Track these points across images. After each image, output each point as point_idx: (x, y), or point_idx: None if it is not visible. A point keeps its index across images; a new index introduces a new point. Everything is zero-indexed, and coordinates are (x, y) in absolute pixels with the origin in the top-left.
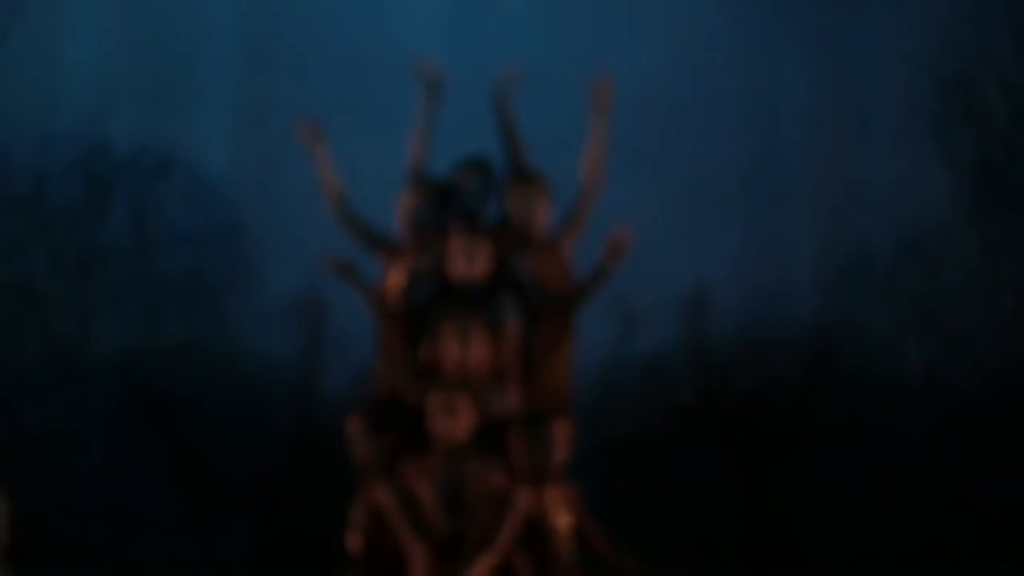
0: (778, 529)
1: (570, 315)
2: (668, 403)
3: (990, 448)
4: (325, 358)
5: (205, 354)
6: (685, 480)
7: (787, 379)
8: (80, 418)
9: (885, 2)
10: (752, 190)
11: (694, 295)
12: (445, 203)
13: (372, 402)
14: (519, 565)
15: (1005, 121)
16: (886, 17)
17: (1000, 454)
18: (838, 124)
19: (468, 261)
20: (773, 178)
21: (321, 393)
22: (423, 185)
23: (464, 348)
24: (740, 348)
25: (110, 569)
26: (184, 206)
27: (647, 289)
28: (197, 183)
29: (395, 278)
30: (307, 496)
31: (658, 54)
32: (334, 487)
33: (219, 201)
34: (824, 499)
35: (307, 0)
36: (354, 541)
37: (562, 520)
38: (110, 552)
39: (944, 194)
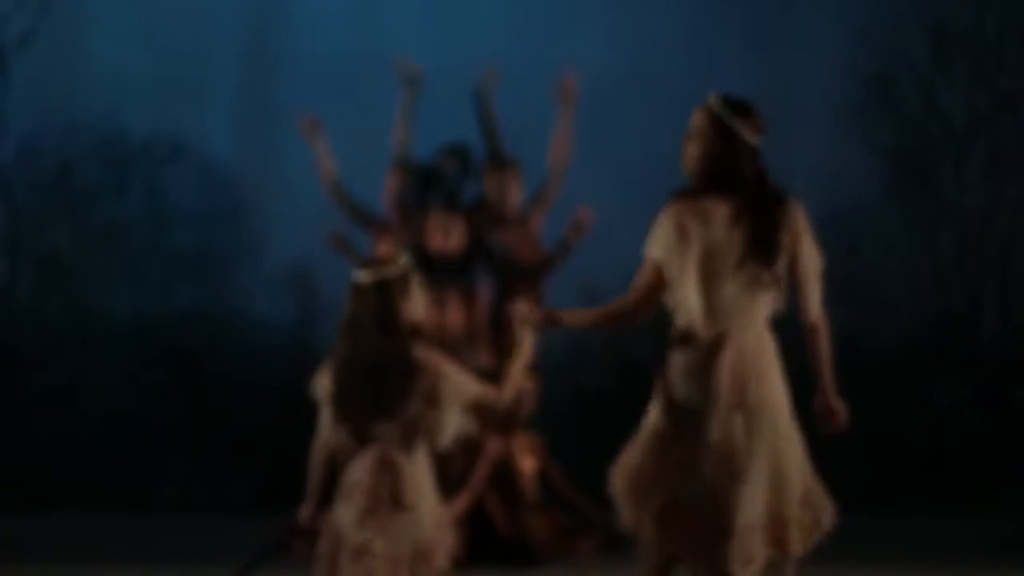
0: None
1: (538, 283)
2: (627, 363)
3: (906, 404)
4: (319, 322)
5: (213, 318)
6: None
7: None
8: (101, 375)
9: (814, 7)
10: None
11: None
12: (427, 185)
13: None
14: (490, 504)
15: (920, 112)
16: (814, 20)
17: (915, 410)
18: (772, 114)
19: (444, 236)
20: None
21: (315, 352)
22: (407, 169)
23: (441, 313)
24: None
25: (129, 512)
26: (193, 187)
27: (608, 263)
28: (204, 167)
29: (382, 251)
30: (305, 444)
31: (617, 54)
32: None
33: (224, 183)
34: None
35: (303, 4)
36: None
37: (528, 465)
38: (129, 496)
39: (865, 176)
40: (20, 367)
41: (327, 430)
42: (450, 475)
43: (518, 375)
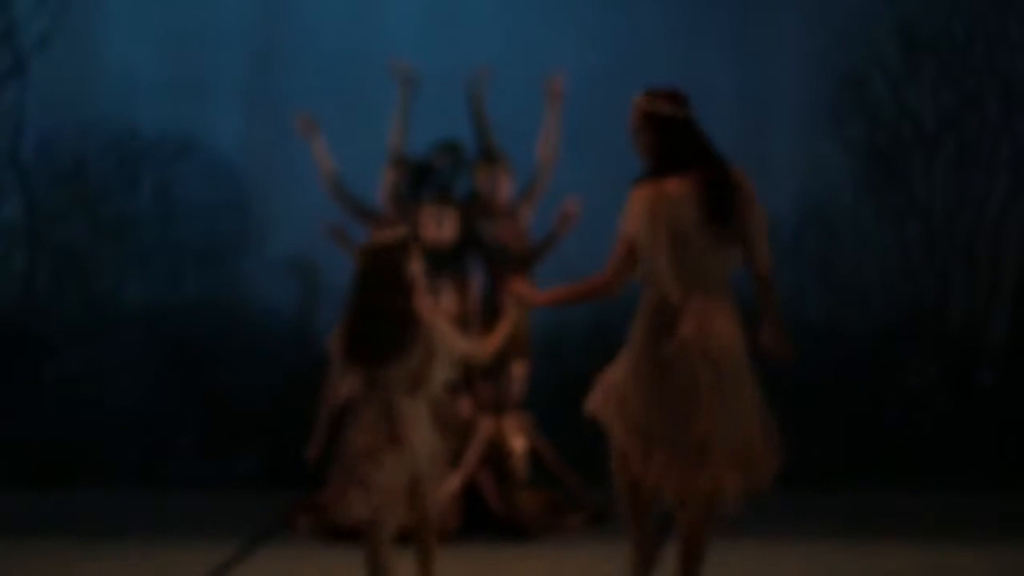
0: None
1: (527, 272)
2: (610, 348)
3: (877, 385)
4: (320, 308)
5: (219, 306)
6: None
7: None
8: (114, 360)
9: (791, 10)
10: None
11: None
12: (421, 179)
13: None
14: (483, 481)
15: (891, 111)
16: (791, 23)
17: (884, 387)
18: (753, 112)
19: (438, 227)
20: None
21: (316, 338)
22: (402, 164)
23: (435, 300)
24: None
25: (139, 489)
26: (201, 182)
27: (593, 253)
28: (212, 163)
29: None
30: (306, 424)
31: (604, 54)
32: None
33: (230, 178)
34: None
35: (305, 8)
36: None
37: (518, 444)
38: (139, 473)
39: (840, 171)
40: (38, 352)
41: (337, 381)
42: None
43: (500, 340)
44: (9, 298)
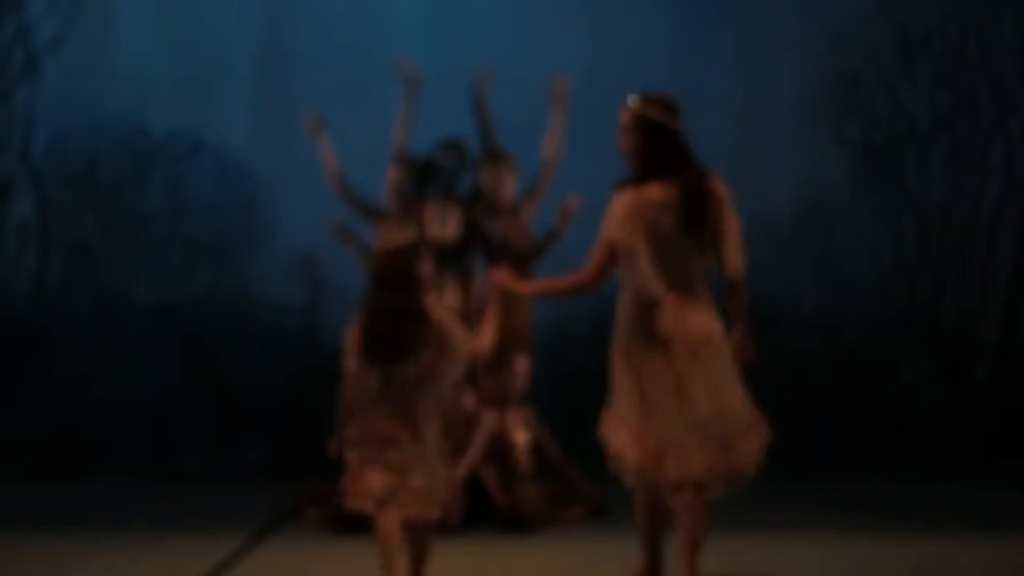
0: None
1: (529, 268)
2: (610, 342)
3: (871, 376)
4: (326, 304)
5: (228, 302)
6: None
7: None
8: (126, 355)
9: (789, 11)
10: None
11: None
12: (425, 177)
13: None
14: (486, 474)
15: (885, 111)
16: (789, 24)
17: (879, 381)
18: (751, 111)
19: (442, 225)
20: (699, 156)
21: (323, 333)
22: (407, 163)
23: (439, 296)
24: None
25: (151, 481)
26: (210, 180)
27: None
28: (221, 161)
29: (383, 240)
30: (312, 417)
31: (606, 55)
32: (334, 410)
33: (239, 176)
34: None
35: (311, 10)
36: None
37: (521, 437)
38: (150, 466)
39: (836, 169)
40: (51, 347)
41: (352, 375)
42: (449, 448)
43: (493, 331)
44: (21, 294)
